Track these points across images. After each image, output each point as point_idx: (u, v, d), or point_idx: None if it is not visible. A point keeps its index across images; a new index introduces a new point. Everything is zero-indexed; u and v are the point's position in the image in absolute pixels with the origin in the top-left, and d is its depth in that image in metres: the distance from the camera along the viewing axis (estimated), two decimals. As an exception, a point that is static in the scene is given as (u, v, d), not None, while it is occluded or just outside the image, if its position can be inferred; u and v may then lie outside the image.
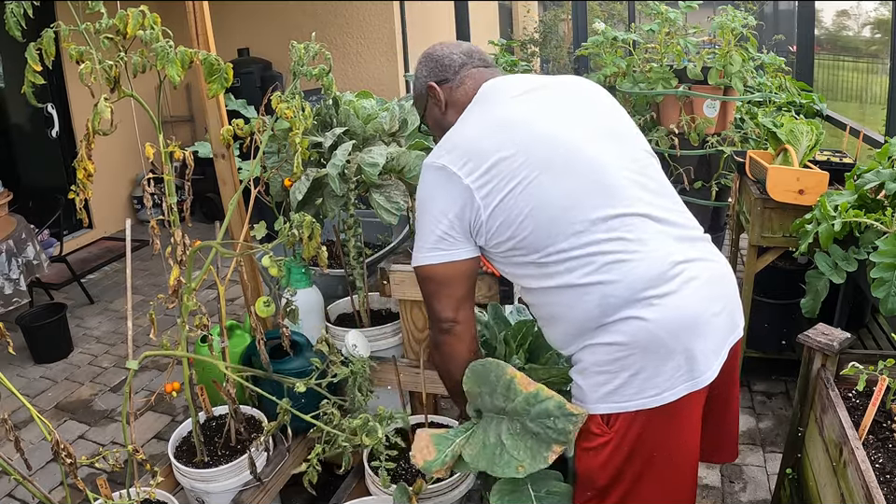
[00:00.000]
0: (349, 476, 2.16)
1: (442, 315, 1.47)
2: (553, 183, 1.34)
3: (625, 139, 1.47)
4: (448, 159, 1.40)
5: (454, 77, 1.57)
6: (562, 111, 1.45)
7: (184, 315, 1.79)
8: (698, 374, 1.33)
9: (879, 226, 1.88)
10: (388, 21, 5.71)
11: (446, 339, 1.50)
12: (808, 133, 2.49)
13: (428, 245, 1.43)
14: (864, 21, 9.92)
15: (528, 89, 1.49)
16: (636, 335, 1.31)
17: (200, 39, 1.99)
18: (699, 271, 1.36)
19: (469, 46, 1.63)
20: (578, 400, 1.42)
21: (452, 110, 1.57)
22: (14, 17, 1.46)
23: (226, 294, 2.01)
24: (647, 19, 4.02)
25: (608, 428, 1.36)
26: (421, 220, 1.45)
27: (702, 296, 1.34)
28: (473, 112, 1.49)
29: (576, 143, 1.38)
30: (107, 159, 5.51)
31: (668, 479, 1.40)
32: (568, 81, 1.56)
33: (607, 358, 1.34)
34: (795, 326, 2.75)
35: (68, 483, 1.63)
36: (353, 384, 1.79)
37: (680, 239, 1.38)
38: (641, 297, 1.30)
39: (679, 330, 1.31)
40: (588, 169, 1.36)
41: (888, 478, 1.41)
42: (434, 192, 1.42)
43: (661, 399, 1.32)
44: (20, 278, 3.54)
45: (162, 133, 1.74)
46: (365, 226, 2.59)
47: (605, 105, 1.52)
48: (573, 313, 1.37)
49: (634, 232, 1.33)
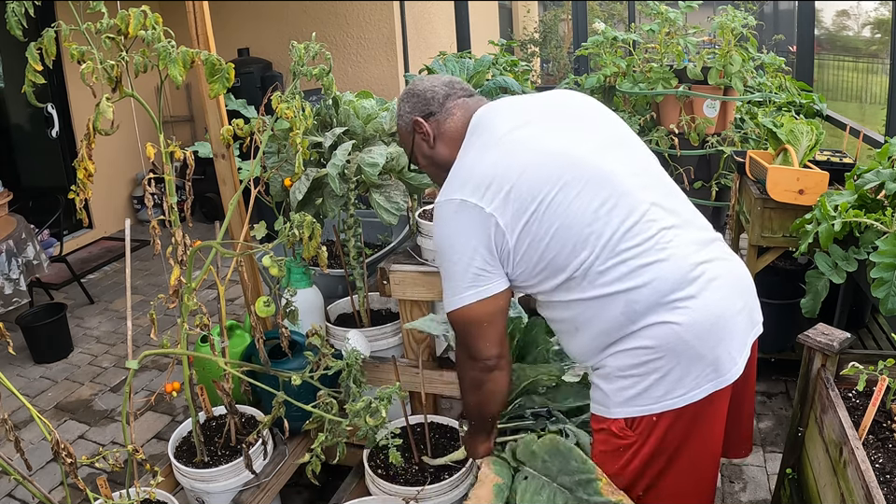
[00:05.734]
0: (349, 476, 2.16)
1: (487, 352, 1.44)
2: (571, 199, 1.34)
3: (629, 146, 1.48)
4: (464, 193, 1.37)
5: (440, 110, 1.55)
6: (563, 128, 1.45)
7: (184, 314, 1.79)
8: (724, 372, 1.33)
9: (879, 226, 1.88)
10: (388, 21, 5.70)
11: (492, 376, 1.47)
12: (808, 133, 2.49)
13: (465, 284, 1.39)
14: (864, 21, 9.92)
15: (524, 111, 1.48)
16: (665, 339, 1.30)
17: (200, 39, 1.99)
18: (719, 270, 1.36)
19: (449, 77, 1.61)
20: (599, 404, 1.41)
21: (441, 143, 1.55)
22: (15, 16, 1.46)
23: (226, 294, 2.01)
24: (647, 19, 4.02)
25: (630, 431, 1.36)
26: (450, 261, 1.40)
27: (724, 295, 1.35)
28: (474, 143, 1.47)
29: (585, 156, 1.39)
30: (107, 159, 5.52)
31: (689, 477, 1.41)
32: (561, 98, 1.55)
33: (633, 362, 1.33)
34: (795, 326, 2.75)
35: (68, 483, 1.63)
36: (347, 376, 1.80)
37: (697, 240, 1.39)
38: (667, 300, 1.30)
39: (707, 332, 1.31)
40: (602, 180, 1.36)
41: (888, 478, 1.41)
42: (459, 229, 1.38)
43: (687, 398, 1.32)
44: (20, 278, 3.54)
45: (163, 133, 1.74)
46: (365, 226, 2.59)
47: (601, 115, 1.53)
48: (598, 323, 1.36)
49: (653, 237, 1.33)
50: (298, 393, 1.82)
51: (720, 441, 1.44)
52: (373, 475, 1.91)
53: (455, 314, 1.43)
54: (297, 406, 1.78)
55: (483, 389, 1.50)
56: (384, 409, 1.64)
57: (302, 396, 1.82)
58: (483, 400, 1.53)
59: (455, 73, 3.01)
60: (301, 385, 1.78)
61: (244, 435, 2.04)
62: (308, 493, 2.47)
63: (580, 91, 1.95)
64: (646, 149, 1.52)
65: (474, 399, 1.54)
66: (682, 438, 1.35)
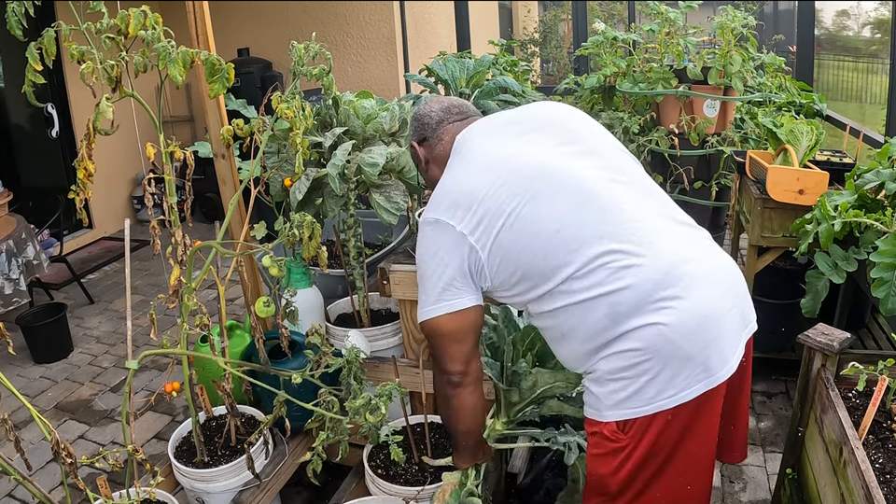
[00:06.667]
0: (349, 476, 2.16)
1: (451, 367, 1.48)
2: (541, 209, 1.36)
3: (602, 151, 1.49)
4: (438, 212, 1.44)
5: (432, 135, 1.64)
6: (536, 139, 1.48)
7: (184, 314, 1.79)
8: (714, 372, 1.33)
9: (879, 226, 1.88)
10: (388, 21, 5.70)
11: (457, 392, 1.52)
12: (808, 133, 2.49)
13: (433, 297, 1.45)
14: (864, 21, 9.92)
15: (498, 127, 1.53)
16: (652, 340, 1.30)
17: (200, 39, 2.00)
18: (706, 269, 1.36)
19: (450, 101, 1.67)
20: (591, 408, 1.41)
21: (434, 166, 1.65)
22: (15, 16, 1.46)
23: (226, 294, 2.01)
24: (647, 19, 4.02)
25: (622, 434, 1.35)
26: (423, 275, 1.47)
27: (712, 295, 1.34)
28: (453, 164, 1.55)
29: (556, 164, 1.41)
30: (107, 159, 5.52)
31: (684, 479, 1.40)
32: (536, 110, 1.60)
33: (623, 365, 1.33)
34: (795, 326, 2.75)
35: (68, 483, 1.63)
36: (347, 373, 1.80)
37: (681, 239, 1.39)
38: (652, 300, 1.30)
39: (694, 332, 1.31)
40: (572, 187, 1.38)
41: (888, 478, 1.41)
42: (431, 246, 1.45)
43: (678, 398, 1.31)
44: (20, 278, 3.54)
45: (163, 133, 1.74)
46: (365, 226, 2.59)
47: (575, 123, 1.54)
48: (583, 328, 1.36)
49: (631, 239, 1.34)
50: (298, 393, 1.82)
51: (714, 442, 1.43)
52: (373, 475, 1.91)
53: (425, 325, 1.49)
54: (297, 405, 1.78)
55: (450, 404, 1.55)
56: (384, 406, 1.64)
57: (303, 395, 1.82)
58: (452, 415, 1.58)
59: (455, 73, 3.01)
60: (302, 385, 1.78)
61: (244, 435, 2.04)
62: (308, 493, 2.47)
63: (580, 91, 1.96)
64: (624, 153, 1.53)
65: (444, 412, 1.62)
66: (676, 439, 1.35)
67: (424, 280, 1.47)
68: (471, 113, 1.66)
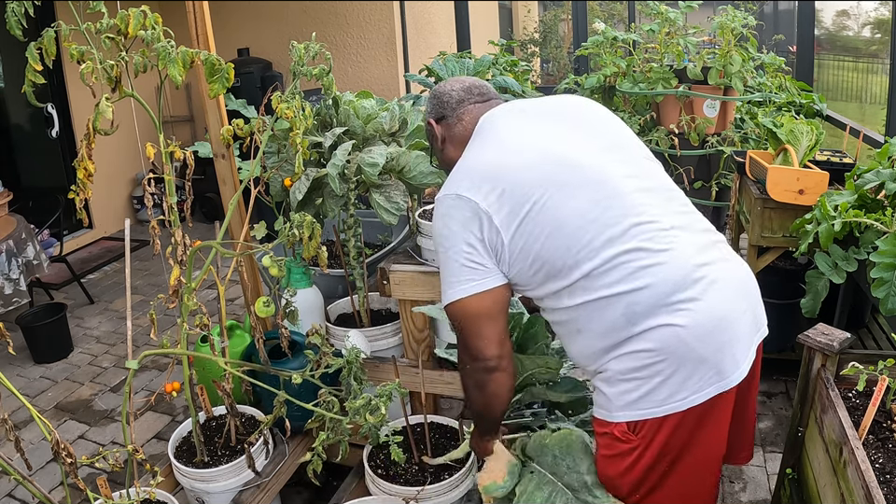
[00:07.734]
0: (349, 476, 2.16)
1: (486, 352, 1.42)
2: (566, 201, 1.34)
3: (627, 149, 1.48)
4: (460, 188, 1.40)
5: (451, 114, 1.60)
6: (562, 131, 1.46)
7: (184, 314, 1.79)
8: (727, 375, 1.32)
9: (879, 226, 1.88)
10: (388, 21, 5.71)
11: (494, 377, 1.45)
12: (808, 133, 2.49)
13: (461, 277, 1.39)
14: (864, 21, 9.92)
15: (526, 114, 1.51)
16: (667, 342, 1.30)
17: (200, 39, 2.00)
18: (722, 272, 1.36)
19: (471, 81, 1.65)
20: (601, 408, 1.41)
21: (450, 146, 1.61)
22: (15, 16, 1.46)
23: (226, 294, 2.01)
24: (647, 19, 4.02)
25: (633, 435, 1.35)
26: (446, 254, 1.41)
27: (727, 297, 1.34)
28: (476, 144, 1.51)
29: (581, 159, 1.39)
30: (107, 159, 5.52)
31: (692, 480, 1.40)
32: (563, 101, 1.58)
33: (635, 365, 1.32)
34: (795, 326, 2.75)
35: (68, 483, 1.63)
36: (347, 373, 1.80)
37: (699, 242, 1.38)
38: (668, 302, 1.30)
39: (709, 335, 1.30)
40: (597, 183, 1.37)
41: (888, 478, 1.41)
42: (451, 222, 1.40)
43: (690, 401, 1.31)
44: (20, 278, 3.54)
45: (163, 133, 1.74)
46: (365, 226, 2.59)
47: (602, 119, 1.53)
48: (598, 325, 1.35)
49: (652, 239, 1.33)
50: (298, 393, 1.82)
51: (723, 444, 1.43)
52: (373, 475, 1.91)
53: (451, 307, 1.42)
54: (297, 405, 1.78)
55: (486, 391, 1.48)
56: (384, 406, 1.64)
57: (303, 395, 1.82)
58: (488, 402, 1.51)
59: (455, 73, 3.01)
60: (302, 385, 1.78)
61: (244, 435, 2.04)
62: (308, 493, 2.47)
63: (580, 92, 1.96)
64: (647, 153, 1.52)
65: (479, 401, 1.53)
66: (686, 441, 1.34)
67: (446, 259, 1.41)
68: (492, 95, 1.63)
